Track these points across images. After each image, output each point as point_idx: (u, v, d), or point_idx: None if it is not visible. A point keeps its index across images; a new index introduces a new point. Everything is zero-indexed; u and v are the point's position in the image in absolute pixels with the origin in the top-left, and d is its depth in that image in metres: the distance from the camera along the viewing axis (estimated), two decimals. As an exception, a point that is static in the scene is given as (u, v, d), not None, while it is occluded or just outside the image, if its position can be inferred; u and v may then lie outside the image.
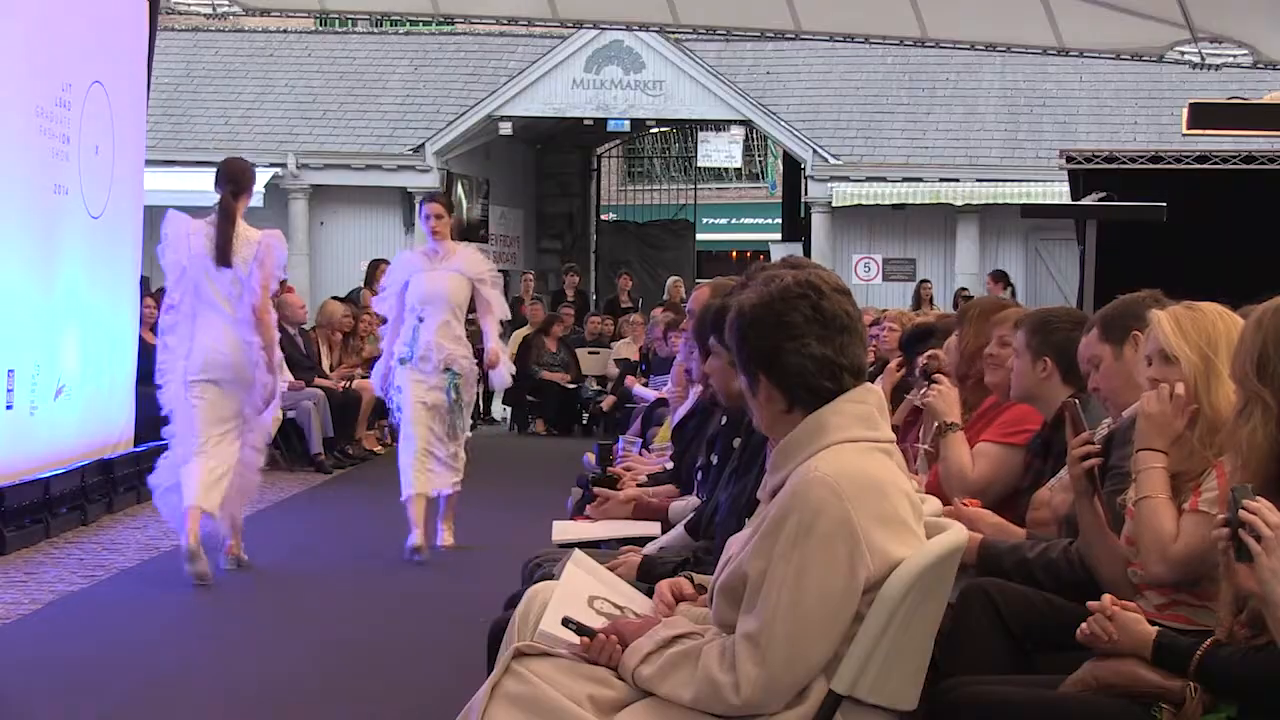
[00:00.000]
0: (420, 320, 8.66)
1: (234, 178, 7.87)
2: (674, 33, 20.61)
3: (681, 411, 6.47)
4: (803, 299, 3.09)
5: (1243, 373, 3.09)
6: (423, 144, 23.39)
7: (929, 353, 5.77)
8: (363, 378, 13.10)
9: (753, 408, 3.22)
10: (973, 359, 5.18)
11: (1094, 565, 3.65)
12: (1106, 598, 3.27)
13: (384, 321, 9.10)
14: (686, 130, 29.12)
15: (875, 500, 2.99)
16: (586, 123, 24.36)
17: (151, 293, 13.43)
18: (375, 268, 14.90)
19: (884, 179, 22.68)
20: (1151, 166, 11.55)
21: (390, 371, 8.78)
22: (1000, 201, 21.65)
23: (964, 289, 20.03)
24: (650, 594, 3.52)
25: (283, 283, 9.78)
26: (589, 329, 18.51)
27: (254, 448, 8.00)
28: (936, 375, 5.20)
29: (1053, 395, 4.53)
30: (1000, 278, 19.42)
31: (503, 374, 9.21)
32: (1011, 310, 5.23)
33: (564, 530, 5.49)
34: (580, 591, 3.33)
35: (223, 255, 7.71)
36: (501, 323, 9.13)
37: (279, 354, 8.22)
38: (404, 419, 8.71)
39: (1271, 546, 2.72)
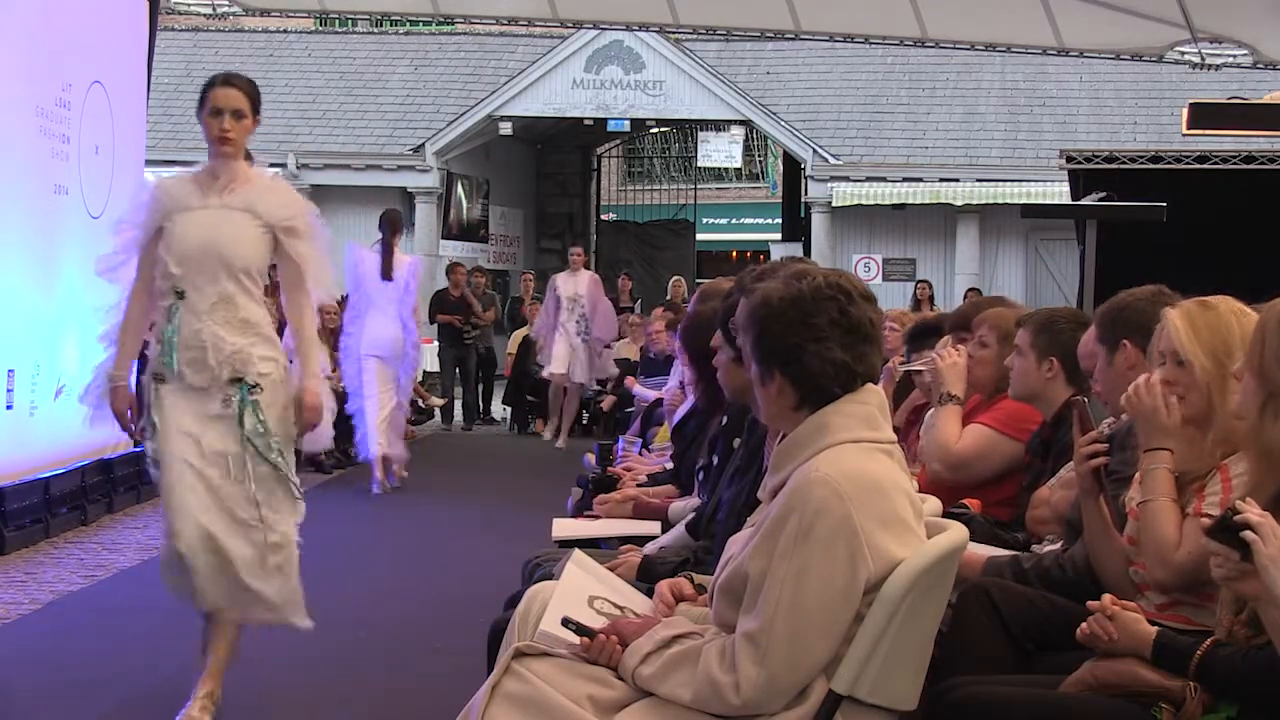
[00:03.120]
0: (180, 296, 5.12)
1: (393, 223, 11.85)
2: (674, 33, 20.62)
3: (681, 412, 6.46)
4: (832, 301, 3.07)
5: (1263, 367, 3.03)
6: (423, 144, 23.40)
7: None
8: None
9: (760, 397, 3.19)
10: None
11: (1098, 564, 3.64)
12: (1106, 597, 3.26)
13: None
14: (686, 130, 29.12)
15: (876, 500, 2.99)
16: (586, 123, 24.37)
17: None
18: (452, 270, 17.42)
19: (884, 179, 22.70)
20: (1151, 166, 11.54)
21: (140, 390, 5.40)
22: (1000, 201, 21.66)
23: (975, 289, 19.99)
24: (650, 594, 3.52)
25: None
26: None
27: (401, 403, 11.87)
28: (954, 346, 5.20)
29: (1056, 395, 4.54)
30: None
31: (324, 434, 5.31)
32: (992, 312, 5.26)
33: (564, 527, 5.48)
34: (580, 591, 3.33)
35: (386, 272, 11.61)
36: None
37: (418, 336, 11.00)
38: (163, 477, 5.08)
39: (1266, 534, 2.70)
